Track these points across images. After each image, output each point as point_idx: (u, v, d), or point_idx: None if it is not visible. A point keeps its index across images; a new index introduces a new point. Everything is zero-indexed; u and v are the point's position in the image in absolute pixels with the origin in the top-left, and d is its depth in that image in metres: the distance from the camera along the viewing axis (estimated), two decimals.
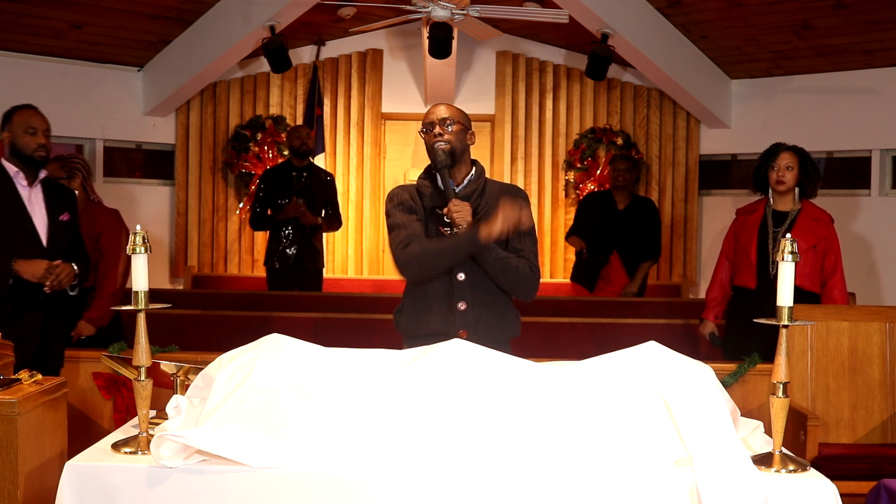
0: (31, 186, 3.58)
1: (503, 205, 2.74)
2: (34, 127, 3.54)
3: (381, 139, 7.92)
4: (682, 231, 7.71)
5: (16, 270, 3.42)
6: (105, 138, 7.09)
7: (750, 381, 3.86)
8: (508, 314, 2.95)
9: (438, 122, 2.87)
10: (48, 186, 3.65)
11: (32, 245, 3.50)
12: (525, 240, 2.90)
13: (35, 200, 3.58)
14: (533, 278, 2.88)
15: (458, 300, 2.85)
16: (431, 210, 2.89)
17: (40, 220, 3.57)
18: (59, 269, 3.47)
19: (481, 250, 2.77)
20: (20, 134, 3.52)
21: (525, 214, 2.86)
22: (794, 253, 2.21)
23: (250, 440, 2.08)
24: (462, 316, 2.85)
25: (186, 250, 7.63)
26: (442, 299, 2.86)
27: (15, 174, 3.54)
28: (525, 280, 2.86)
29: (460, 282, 2.85)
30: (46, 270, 3.44)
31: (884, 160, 6.59)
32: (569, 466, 2.07)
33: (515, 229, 2.76)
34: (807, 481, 2.09)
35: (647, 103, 7.75)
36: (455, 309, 2.85)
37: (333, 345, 2.38)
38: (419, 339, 2.84)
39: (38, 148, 3.53)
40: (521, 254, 2.88)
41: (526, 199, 2.96)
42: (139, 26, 6.45)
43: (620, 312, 5.62)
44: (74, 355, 3.92)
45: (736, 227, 4.29)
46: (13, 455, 2.27)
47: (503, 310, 2.93)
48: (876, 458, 3.48)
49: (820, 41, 6.27)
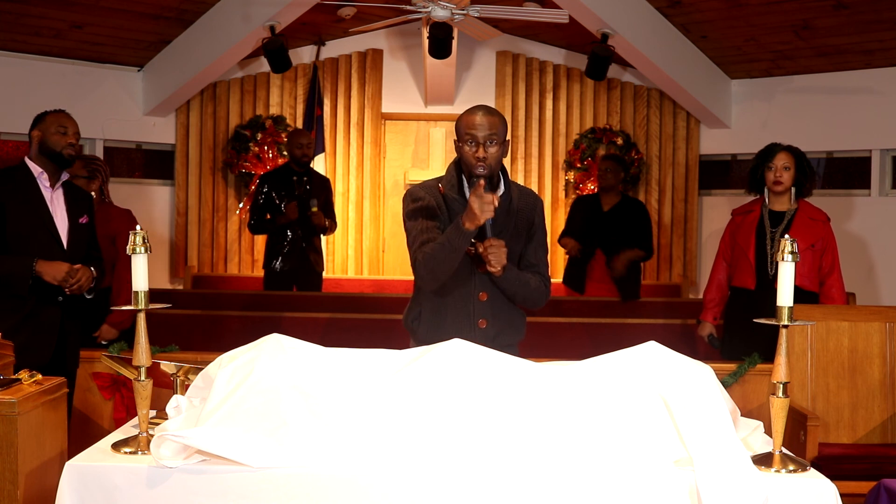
0: (54, 188, 3.59)
1: (494, 251, 2.69)
2: (65, 126, 3.59)
3: (381, 139, 7.92)
4: (682, 231, 7.71)
5: (37, 271, 3.42)
6: (105, 138, 7.09)
7: (750, 381, 3.86)
8: (518, 320, 2.98)
9: (483, 140, 2.71)
10: (68, 189, 3.67)
11: (53, 246, 3.51)
12: (539, 252, 2.93)
13: (57, 202, 3.59)
14: (546, 292, 2.93)
15: (479, 318, 2.85)
16: None
17: (61, 221, 3.58)
18: (80, 272, 3.48)
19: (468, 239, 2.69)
20: (51, 132, 3.56)
21: (543, 228, 2.92)
22: (794, 253, 2.21)
23: (250, 440, 2.08)
24: (482, 332, 2.85)
25: (186, 250, 7.63)
26: (462, 317, 2.85)
27: (39, 175, 3.56)
28: (540, 296, 2.91)
29: (482, 302, 2.85)
30: (67, 273, 3.44)
31: (884, 160, 6.59)
32: (569, 466, 2.07)
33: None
34: (807, 481, 2.09)
35: (647, 103, 7.75)
36: (476, 327, 2.85)
37: (334, 345, 2.38)
38: (432, 335, 2.83)
39: (68, 146, 3.56)
40: (537, 269, 2.90)
41: (543, 207, 2.99)
42: (139, 26, 6.45)
43: (620, 312, 5.62)
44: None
45: (732, 228, 4.29)
46: (13, 455, 2.27)
47: (515, 319, 2.96)
48: (876, 458, 3.48)
49: (820, 41, 6.27)
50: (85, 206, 3.71)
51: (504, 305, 2.89)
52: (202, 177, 7.65)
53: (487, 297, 2.85)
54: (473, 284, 2.84)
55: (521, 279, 2.82)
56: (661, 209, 7.73)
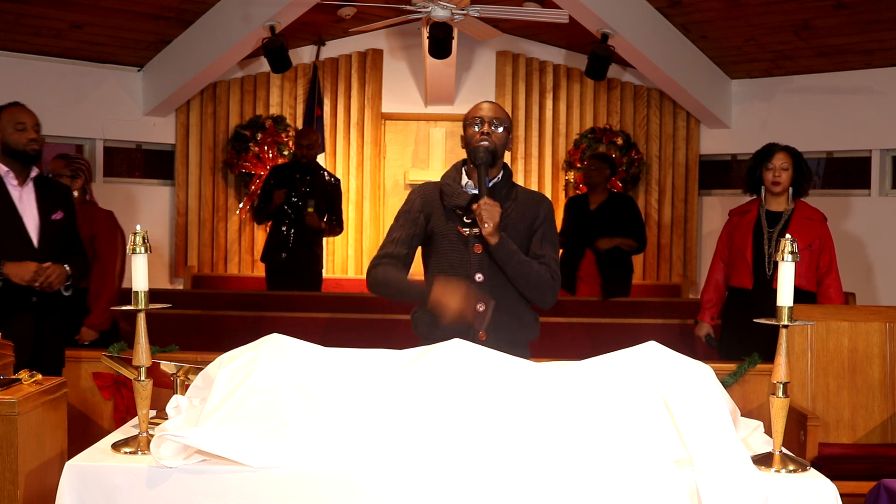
0: (23, 186, 3.51)
1: (487, 208, 2.74)
2: (23, 122, 3.48)
3: (381, 139, 7.92)
4: (682, 231, 7.71)
5: (4, 273, 3.35)
6: (105, 138, 7.09)
7: (750, 381, 3.86)
8: (527, 317, 2.95)
9: (488, 120, 2.86)
10: (41, 185, 3.57)
11: (22, 246, 3.44)
12: (547, 247, 2.91)
13: (26, 200, 3.50)
14: (553, 284, 2.88)
15: (477, 301, 2.84)
16: (452, 209, 2.86)
17: (31, 220, 3.49)
18: (49, 270, 3.41)
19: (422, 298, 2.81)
20: (10, 132, 3.45)
21: (550, 223, 2.92)
22: (794, 253, 2.21)
23: (250, 440, 2.08)
24: (480, 317, 2.83)
25: (186, 250, 7.63)
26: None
27: (5, 174, 3.47)
28: (545, 286, 2.86)
29: (479, 283, 2.84)
30: (35, 273, 3.37)
31: (884, 160, 6.59)
32: (569, 466, 2.07)
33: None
34: (807, 481, 2.09)
35: (647, 103, 7.75)
36: (474, 310, 2.84)
37: (334, 345, 2.38)
38: (438, 339, 2.83)
39: (30, 142, 3.47)
40: (543, 260, 2.88)
41: (551, 207, 2.99)
42: (139, 26, 6.45)
43: (619, 312, 5.62)
44: (75, 355, 3.91)
45: (730, 229, 4.29)
46: (13, 455, 2.27)
47: (521, 313, 2.93)
48: (876, 458, 3.48)
49: (820, 41, 6.27)
50: (61, 202, 3.60)
51: (508, 297, 2.86)
52: (202, 177, 7.65)
53: (484, 278, 2.84)
54: (470, 266, 2.85)
55: (519, 257, 2.81)
56: (660, 209, 7.73)
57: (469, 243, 2.84)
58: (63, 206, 3.61)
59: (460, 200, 2.85)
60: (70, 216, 3.66)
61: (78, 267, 3.60)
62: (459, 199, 2.85)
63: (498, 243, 2.76)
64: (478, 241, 2.83)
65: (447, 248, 2.87)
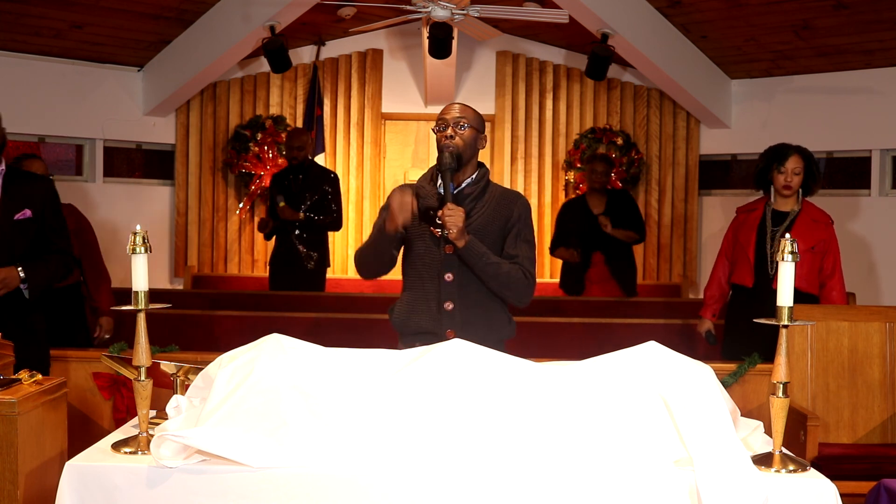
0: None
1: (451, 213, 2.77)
2: None
3: (381, 139, 7.92)
4: (682, 231, 7.71)
5: None
6: (105, 138, 7.09)
7: (750, 381, 3.86)
8: (498, 316, 2.96)
9: (452, 122, 2.88)
10: (10, 181, 3.27)
11: None
12: (521, 246, 2.91)
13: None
14: (526, 284, 2.88)
15: (446, 300, 2.87)
16: (425, 210, 2.89)
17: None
18: (0, 274, 3.14)
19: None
20: None
21: (524, 222, 2.93)
22: (794, 253, 2.20)
23: (250, 440, 2.07)
24: (449, 316, 2.87)
25: (186, 250, 7.63)
26: (431, 298, 2.89)
27: None
28: (517, 285, 2.87)
29: (447, 282, 2.87)
30: None
31: (884, 160, 6.59)
32: (569, 466, 2.07)
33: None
34: (807, 481, 2.09)
35: (647, 103, 7.76)
36: (442, 309, 2.87)
37: (333, 345, 2.38)
38: (409, 336, 2.91)
39: None
40: (516, 260, 2.89)
41: (526, 205, 2.98)
42: (139, 26, 6.45)
43: (619, 312, 5.62)
44: (75, 355, 3.91)
45: (736, 226, 4.29)
46: (13, 455, 2.27)
47: (493, 312, 2.94)
48: (876, 458, 3.47)
49: (820, 41, 6.27)
50: (32, 198, 3.29)
51: (478, 296, 2.89)
52: (202, 177, 7.65)
53: (454, 277, 2.86)
54: (441, 265, 2.88)
55: (488, 258, 2.82)
56: (661, 209, 7.73)
57: (440, 244, 2.89)
58: (35, 203, 3.31)
59: (432, 202, 2.90)
60: (45, 213, 3.35)
61: (47, 267, 3.31)
62: (431, 201, 2.91)
63: (465, 246, 2.80)
64: (448, 242, 2.86)
65: (422, 249, 2.93)
